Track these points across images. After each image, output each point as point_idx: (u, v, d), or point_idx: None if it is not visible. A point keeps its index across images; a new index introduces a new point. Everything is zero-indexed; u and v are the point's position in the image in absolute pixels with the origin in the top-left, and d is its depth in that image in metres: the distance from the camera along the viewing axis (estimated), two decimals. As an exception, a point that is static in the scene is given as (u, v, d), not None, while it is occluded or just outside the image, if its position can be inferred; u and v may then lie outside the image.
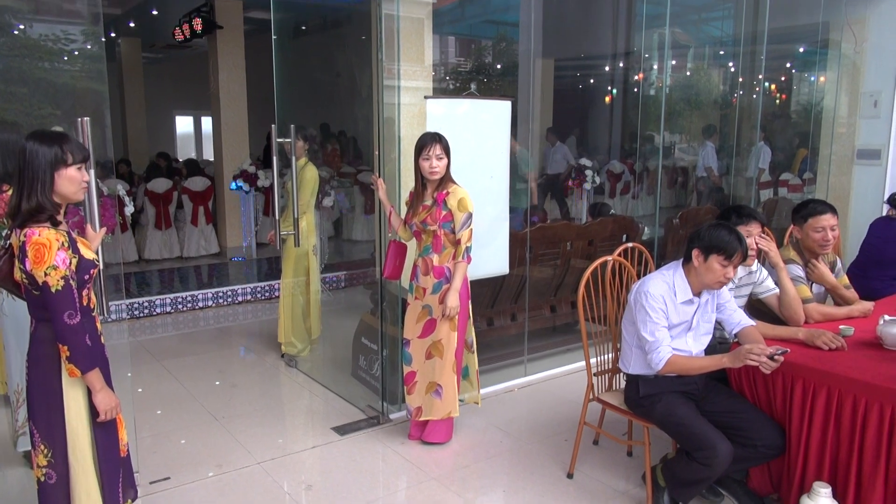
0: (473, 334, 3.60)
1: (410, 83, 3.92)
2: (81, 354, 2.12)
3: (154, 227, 7.77)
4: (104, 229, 2.62)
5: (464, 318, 3.45)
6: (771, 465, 2.85)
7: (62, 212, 2.18)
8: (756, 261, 3.20)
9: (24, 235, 2.07)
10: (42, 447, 2.19)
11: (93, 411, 2.22)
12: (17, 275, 2.15)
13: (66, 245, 2.10)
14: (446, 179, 3.36)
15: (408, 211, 3.50)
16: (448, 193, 3.31)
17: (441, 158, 3.32)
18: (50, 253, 2.06)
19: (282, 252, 4.84)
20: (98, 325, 2.28)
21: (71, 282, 2.09)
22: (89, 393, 2.21)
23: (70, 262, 2.10)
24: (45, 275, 2.05)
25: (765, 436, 2.70)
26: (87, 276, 2.18)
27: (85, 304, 2.17)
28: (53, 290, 2.06)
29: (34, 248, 2.05)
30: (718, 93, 8.96)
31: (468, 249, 3.33)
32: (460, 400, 3.64)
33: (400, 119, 3.81)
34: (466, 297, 3.43)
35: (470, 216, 3.30)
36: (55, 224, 2.12)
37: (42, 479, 2.21)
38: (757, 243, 3.13)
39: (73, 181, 2.16)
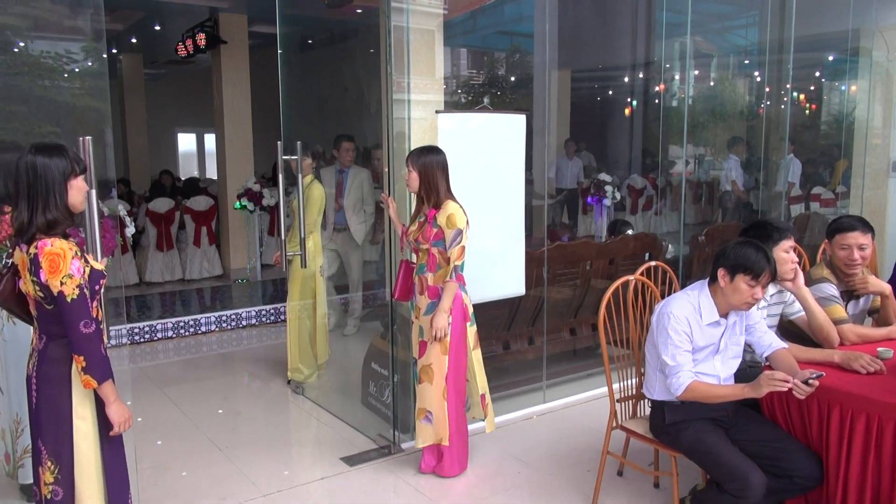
0: (477, 357, 3.53)
1: (421, 97, 3.96)
2: (98, 364, 2.17)
3: (155, 249, 7.85)
4: (105, 260, 2.68)
5: (461, 342, 3.40)
6: (808, 498, 2.80)
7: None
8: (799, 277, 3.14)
9: (36, 248, 2.13)
10: (49, 464, 2.23)
11: (104, 425, 2.26)
12: (27, 288, 2.20)
13: (78, 254, 2.17)
14: (439, 195, 3.33)
15: (409, 225, 3.52)
16: (439, 210, 3.31)
17: (410, 172, 3.35)
18: (65, 262, 2.12)
19: (287, 274, 4.87)
20: (105, 339, 2.32)
21: (85, 290, 2.15)
22: (98, 411, 2.24)
23: (84, 271, 2.17)
24: (62, 284, 2.11)
25: (800, 466, 2.67)
26: (97, 287, 2.24)
27: (95, 315, 2.22)
28: (69, 299, 2.12)
29: (48, 259, 2.11)
30: (744, 103, 8.96)
31: (458, 268, 3.30)
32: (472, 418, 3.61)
33: (410, 134, 3.84)
34: (462, 320, 3.38)
35: (460, 233, 3.28)
36: (65, 237, 2.19)
37: (49, 496, 2.24)
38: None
39: (81, 191, 2.25)
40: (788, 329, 3.29)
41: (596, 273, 4.93)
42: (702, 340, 2.82)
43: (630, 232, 5.67)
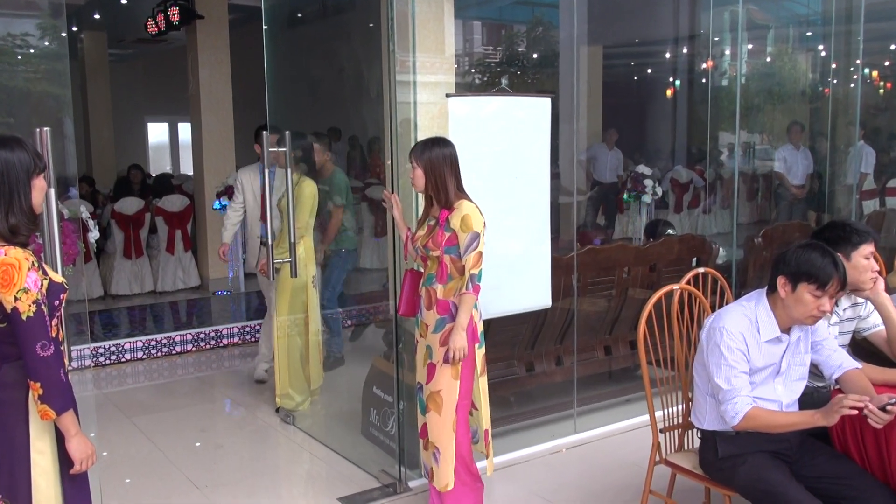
0: (483, 386, 3.50)
1: (429, 78, 3.97)
2: (57, 392, 2.17)
3: (122, 257, 7.91)
4: (66, 270, 2.70)
5: (470, 367, 3.37)
6: (886, 545, 2.78)
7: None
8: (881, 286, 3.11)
9: None
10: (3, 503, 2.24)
11: (66, 461, 2.27)
12: None
13: (35, 265, 2.17)
14: (448, 194, 3.31)
15: (416, 229, 3.52)
16: (452, 211, 3.29)
17: (414, 169, 3.34)
18: (20, 274, 2.12)
19: (275, 284, 4.88)
20: (66, 361, 2.33)
21: (43, 307, 2.16)
22: (59, 444, 2.25)
23: (42, 285, 2.17)
24: (16, 299, 2.11)
25: (878, 507, 2.65)
26: (56, 302, 2.25)
27: (55, 334, 2.22)
28: (24, 316, 2.12)
29: (1, 270, 2.11)
30: (806, 82, 8.92)
31: (475, 277, 3.25)
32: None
33: (416, 121, 3.86)
34: (471, 340, 3.34)
35: (477, 236, 3.26)
36: (24, 246, 2.19)
37: None
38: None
39: (42, 191, 2.27)
40: (862, 346, 3.27)
41: (634, 282, 4.92)
42: (760, 360, 2.80)
43: (672, 233, 5.64)
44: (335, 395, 5.22)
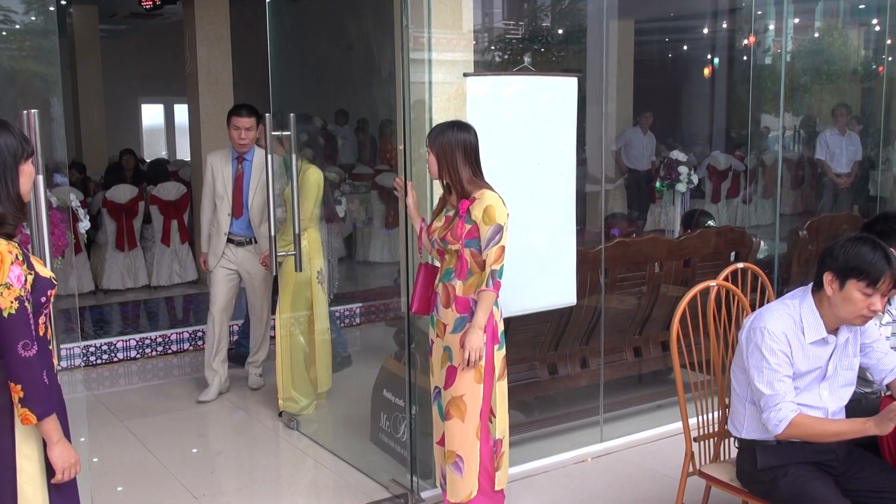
0: (501, 390, 3.51)
1: (445, 55, 3.97)
2: (38, 396, 2.19)
3: (115, 249, 7.96)
4: (55, 262, 2.72)
5: (489, 370, 3.37)
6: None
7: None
8: None
9: None
10: None
11: (48, 470, 2.29)
12: None
13: (20, 259, 2.19)
14: (462, 183, 3.30)
15: (431, 220, 3.52)
16: (474, 201, 3.29)
17: (429, 154, 3.36)
18: (2, 268, 2.14)
19: (278, 279, 4.91)
20: (55, 361, 2.35)
21: (26, 304, 2.18)
22: (46, 449, 2.28)
23: (26, 280, 2.19)
24: None
25: (931, 524, 2.64)
26: (43, 299, 2.26)
27: (42, 333, 2.25)
28: (6, 314, 2.14)
29: None
30: (858, 60, 8.84)
31: (496, 273, 3.26)
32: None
33: (431, 103, 3.86)
34: (491, 341, 3.36)
35: (500, 229, 3.26)
36: (9, 237, 2.21)
37: None
38: None
39: (30, 178, 2.30)
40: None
41: (667, 278, 4.91)
42: (804, 364, 2.80)
43: (712, 224, 5.60)
44: (342, 398, 5.24)
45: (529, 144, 3.98)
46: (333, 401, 5.20)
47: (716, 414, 3.29)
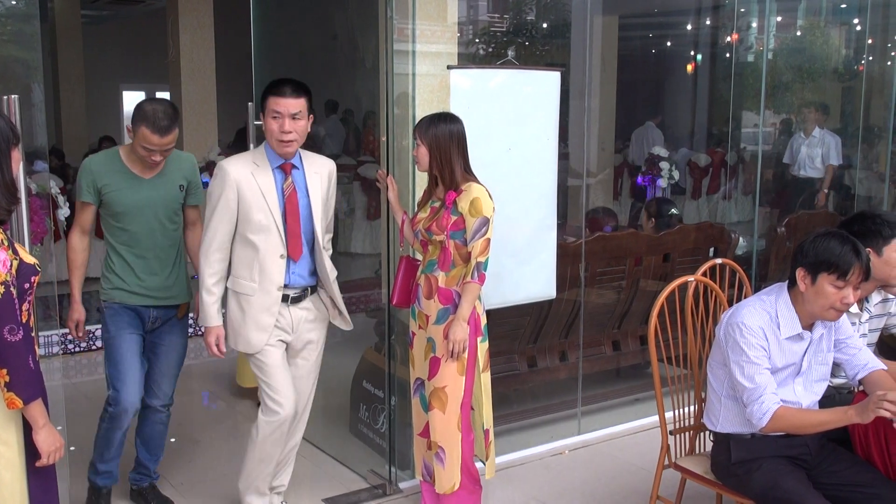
0: (485, 382, 3.54)
1: (429, 47, 3.97)
2: (24, 380, 2.20)
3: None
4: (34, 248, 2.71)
5: (472, 362, 3.41)
6: (909, 558, 2.81)
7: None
8: None
9: None
10: None
11: (32, 453, 2.30)
12: None
13: (5, 244, 2.18)
14: (454, 175, 3.32)
15: (416, 212, 3.53)
16: (461, 193, 3.31)
17: (419, 146, 3.35)
18: None
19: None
20: (37, 348, 2.35)
21: (11, 289, 2.18)
22: (26, 436, 2.28)
23: (11, 265, 2.19)
24: None
25: (901, 517, 2.68)
26: (27, 285, 2.26)
27: (25, 320, 2.24)
28: None
29: None
30: (839, 58, 8.90)
31: (481, 266, 3.28)
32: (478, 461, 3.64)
33: (415, 94, 3.86)
34: (474, 333, 3.39)
35: (486, 222, 3.27)
36: (1, 223, 2.21)
37: None
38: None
39: (18, 163, 2.29)
40: (890, 346, 3.30)
41: (647, 272, 4.94)
42: (780, 359, 2.83)
43: (674, 212, 5.54)
44: (322, 388, 5.23)
45: (512, 137, 3.99)
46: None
47: (692, 408, 3.32)
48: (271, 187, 3.27)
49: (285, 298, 3.34)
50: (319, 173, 3.39)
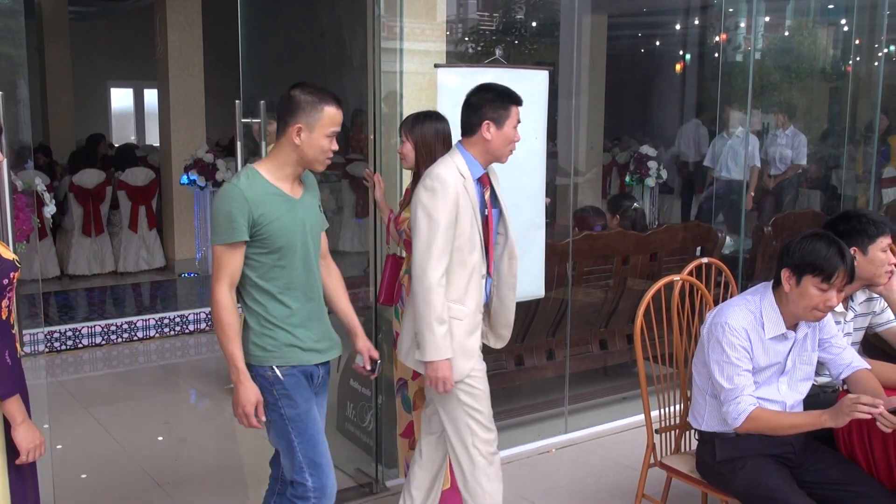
0: None
1: (417, 45, 3.97)
2: (2, 375, 2.18)
3: (81, 234, 7.88)
4: (20, 246, 2.69)
5: None
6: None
7: None
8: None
9: None
10: None
11: (12, 451, 2.28)
12: None
13: None
14: None
15: (399, 211, 3.52)
16: None
17: (404, 143, 3.34)
18: None
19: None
20: (18, 346, 2.33)
21: None
22: (6, 433, 2.27)
23: None
24: None
25: (883, 516, 2.70)
26: (6, 281, 2.25)
27: (4, 317, 2.23)
28: None
29: None
30: (826, 59, 8.94)
31: None
32: None
33: (402, 92, 3.86)
34: None
35: None
36: None
37: None
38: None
39: (1, 160, 2.25)
40: (874, 344, 3.31)
41: (634, 271, 4.95)
42: (764, 359, 2.84)
43: (637, 206, 5.49)
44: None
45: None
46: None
47: (678, 407, 3.33)
48: (476, 200, 3.02)
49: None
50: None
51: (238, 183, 2.59)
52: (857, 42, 7.03)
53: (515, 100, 3.03)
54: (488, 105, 2.97)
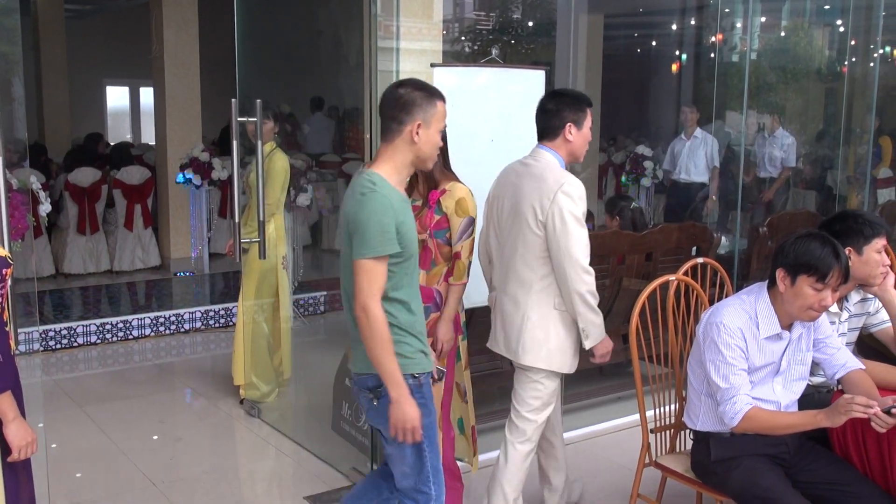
0: (467, 379, 3.58)
1: (413, 45, 3.97)
2: None
3: (76, 232, 7.87)
4: (15, 244, 2.68)
5: (452, 361, 3.42)
6: (886, 555, 2.84)
7: None
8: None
9: None
10: None
11: (4, 449, 2.28)
12: None
13: None
14: (435, 171, 3.28)
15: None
16: (444, 192, 3.30)
17: None
18: None
19: (242, 266, 4.89)
20: (11, 342, 2.33)
21: None
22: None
23: None
24: None
25: (878, 515, 2.70)
26: None
27: None
28: None
29: None
30: (822, 60, 8.97)
31: (469, 266, 3.30)
32: (459, 459, 3.65)
33: (399, 92, 3.85)
34: (456, 331, 3.40)
35: (472, 222, 3.28)
36: None
37: None
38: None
39: None
40: (868, 344, 3.32)
41: (629, 271, 4.95)
42: (759, 358, 2.84)
43: (636, 205, 5.51)
44: (304, 386, 5.24)
45: (496, 136, 3.99)
46: (295, 389, 5.19)
47: (673, 406, 3.34)
48: None
49: None
50: None
51: (381, 191, 2.49)
52: (852, 43, 7.05)
53: (589, 102, 3.22)
54: (567, 109, 3.15)
